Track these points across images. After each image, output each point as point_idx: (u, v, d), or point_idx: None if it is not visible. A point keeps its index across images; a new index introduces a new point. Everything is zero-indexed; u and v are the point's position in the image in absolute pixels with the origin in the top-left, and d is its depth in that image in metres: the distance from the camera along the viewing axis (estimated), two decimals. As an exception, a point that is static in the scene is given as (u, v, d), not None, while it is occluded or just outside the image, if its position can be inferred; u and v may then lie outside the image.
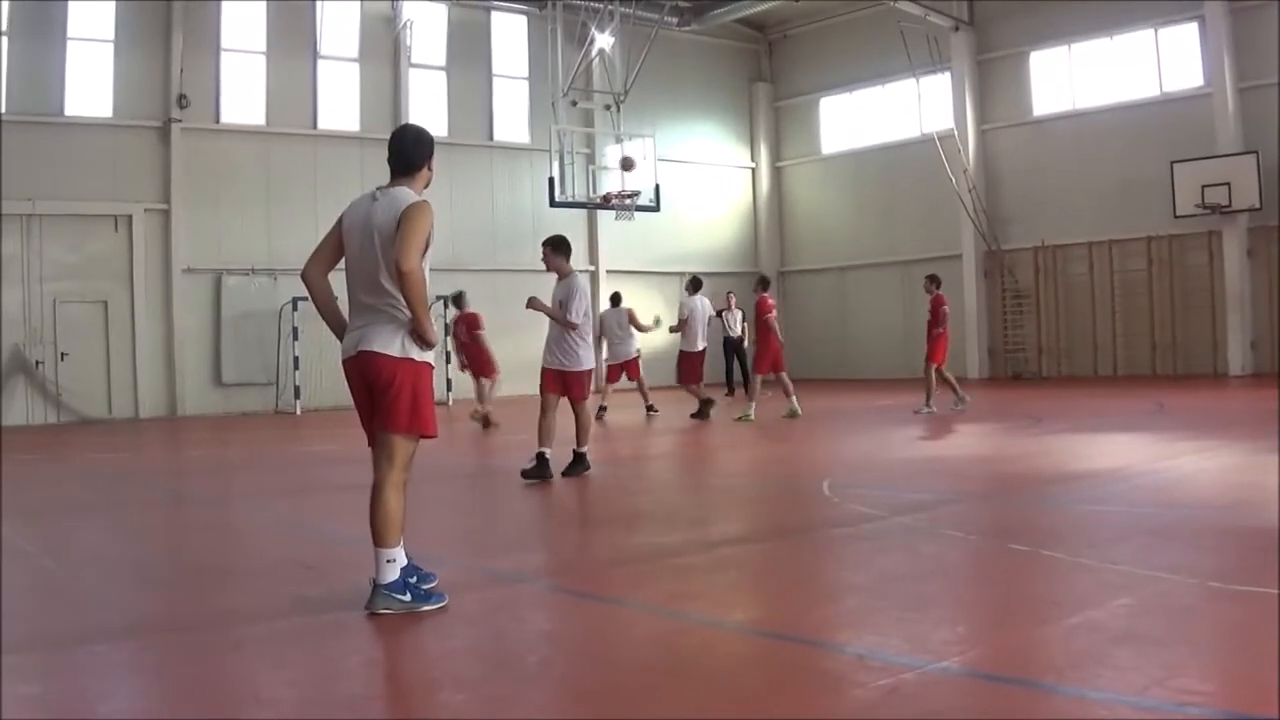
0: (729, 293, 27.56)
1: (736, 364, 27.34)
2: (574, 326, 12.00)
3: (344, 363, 6.30)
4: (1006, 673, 4.70)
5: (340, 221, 6.38)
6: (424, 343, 6.18)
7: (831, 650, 5.19)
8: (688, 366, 21.32)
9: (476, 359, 19.55)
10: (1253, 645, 4.95)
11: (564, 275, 12.24)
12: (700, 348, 21.31)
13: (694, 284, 22.14)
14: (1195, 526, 7.98)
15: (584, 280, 12.45)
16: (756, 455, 14.85)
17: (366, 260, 6.19)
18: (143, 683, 5.17)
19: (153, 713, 4.71)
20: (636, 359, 21.51)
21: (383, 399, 6.13)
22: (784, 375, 19.47)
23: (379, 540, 6.06)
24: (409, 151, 6.39)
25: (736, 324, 26.69)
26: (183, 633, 5.86)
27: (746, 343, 26.49)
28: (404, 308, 6.14)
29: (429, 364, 6.28)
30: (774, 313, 19.57)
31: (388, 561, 6.03)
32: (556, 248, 12.25)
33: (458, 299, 20.02)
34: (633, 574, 7.16)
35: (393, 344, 6.13)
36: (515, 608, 6.38)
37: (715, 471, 12.76)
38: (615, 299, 22.28)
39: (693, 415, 19.98)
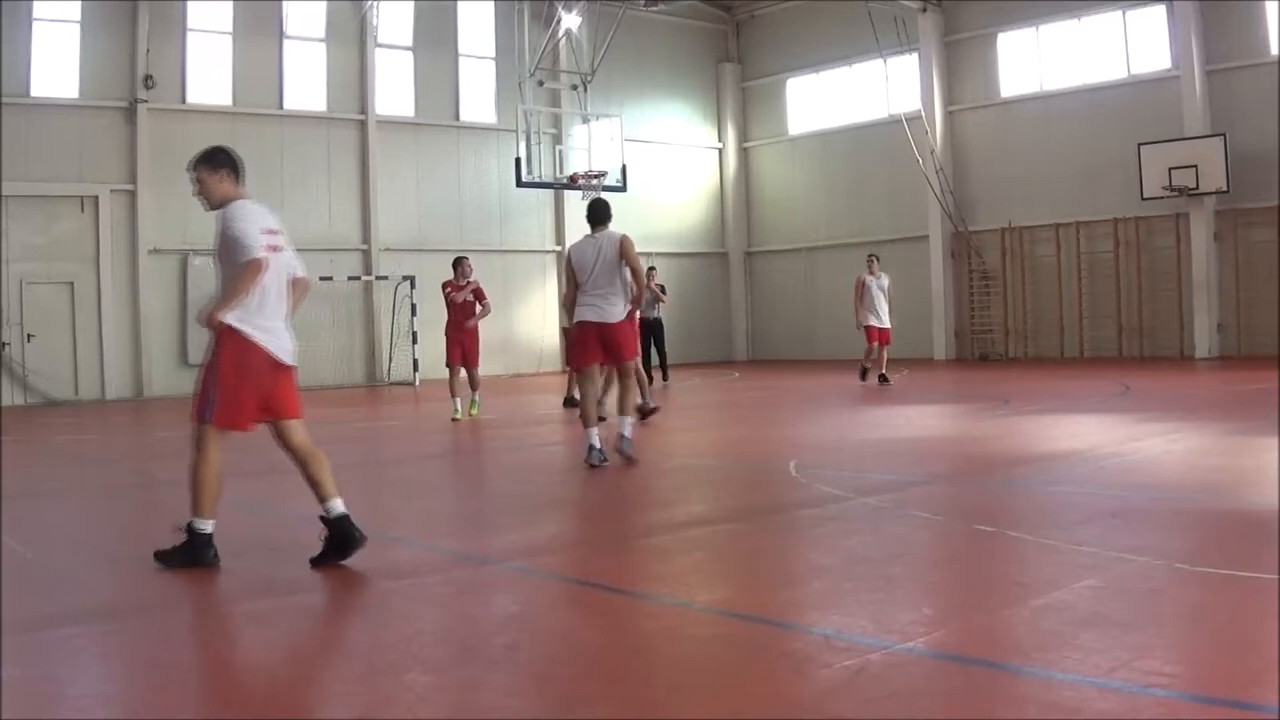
0: (650, 267, 25.28)
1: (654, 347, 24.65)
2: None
3: (585, 324, 11.36)
4: (973, 654, 4.72)
5: (570, 258, 11.55)
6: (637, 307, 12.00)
7: (798, 631, 5.20)
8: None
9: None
10: (1220, 628, 4.98)
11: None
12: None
13: None
14: (1162, 509, 8.02)
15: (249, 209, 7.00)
16: (723, 436, 14.86)
17: (602, 272, 11.27)
18: (109, 666, 5.14)
19: (119, 696, 4.69)
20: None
21: (615, 349, 11.45)
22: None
23: (625, 411, 11.68)
24: (603, 214, 11.56)
25: (656, 304, 24.30)
26: (149, 615, 5.83)
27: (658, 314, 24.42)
28: (621, 297, 11.37)
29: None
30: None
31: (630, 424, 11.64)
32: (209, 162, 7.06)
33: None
34: (599, 556, 7.16)
35: (616, 314, 11.35)
36: (483, 590, 6.37)
37: (682, 453, 12.76)
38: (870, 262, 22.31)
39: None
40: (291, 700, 4.46)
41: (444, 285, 17.99)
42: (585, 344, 11.39)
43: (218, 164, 6.96)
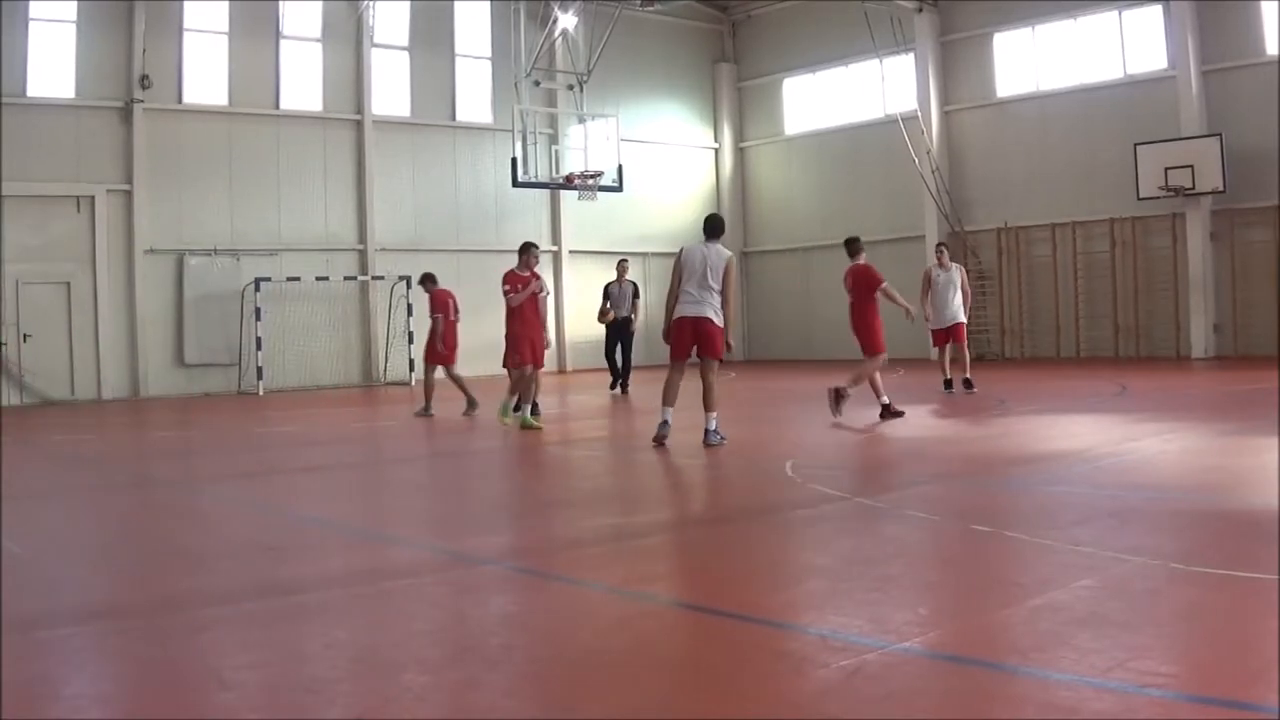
0: (621, 261, 24.18)
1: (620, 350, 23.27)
2: None
3: (682, 319, 12.48)
4: (969, 654, 4.72)
5: (680, 256, 12.63)
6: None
7: (795, 631, 5.20)
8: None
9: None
10: (1216, 627, 4.98)
11: None
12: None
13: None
14: (1158, 509, 8.02)
15: None
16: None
17: (703, 276, 12.36)
18: (106, 666, 5.14)
19: (116, 696, 4.69)
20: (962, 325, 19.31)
21: (706, 340, 12.43)
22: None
23: (710, 408, 12.66)
24: (719, 228, 12.76)
25: (626, 301, 23.07)
26: (146, 616, 5.82)
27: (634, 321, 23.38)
28: (717, 300, 12.42)
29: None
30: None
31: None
32: None
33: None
34: (596, 556, 7.16)
35: (711, 313, 12.38)
36: (479, 590, 6.37)
37: (678, 452, 12.75)
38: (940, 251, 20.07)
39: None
40: (290, 700, 4.46)
41: (505, 279, 16.13)
42: (680, 337, 12.60)
43: None
